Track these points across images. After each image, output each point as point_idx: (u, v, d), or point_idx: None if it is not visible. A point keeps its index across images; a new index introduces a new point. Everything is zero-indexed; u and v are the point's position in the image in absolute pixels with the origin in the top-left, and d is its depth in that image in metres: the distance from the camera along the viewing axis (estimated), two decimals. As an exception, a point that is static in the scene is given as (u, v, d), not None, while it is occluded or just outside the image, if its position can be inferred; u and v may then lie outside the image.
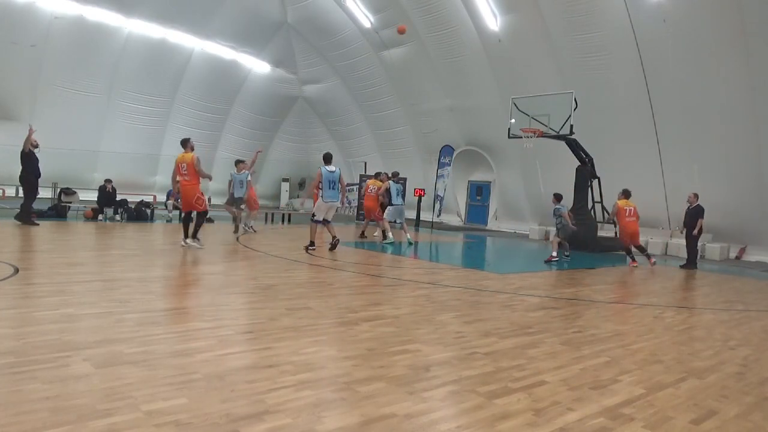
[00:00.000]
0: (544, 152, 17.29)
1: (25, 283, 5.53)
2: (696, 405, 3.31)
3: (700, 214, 11.94)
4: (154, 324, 4.27)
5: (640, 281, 9.49)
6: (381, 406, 2.92)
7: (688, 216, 12.18)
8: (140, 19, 20.37)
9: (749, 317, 6.57)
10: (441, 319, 5.20)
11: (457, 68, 20.01)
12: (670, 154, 15.70)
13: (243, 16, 22.56)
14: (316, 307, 5.33)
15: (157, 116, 22.61)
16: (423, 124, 23.00)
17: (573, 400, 3.23)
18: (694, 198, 12.12)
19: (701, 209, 11.98)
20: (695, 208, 12.04)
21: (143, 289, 5.73)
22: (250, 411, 2.72)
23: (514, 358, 4.03)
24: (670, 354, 4.50)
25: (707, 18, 13.70)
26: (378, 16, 21.00)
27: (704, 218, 12.00)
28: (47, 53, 18.94)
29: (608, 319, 5.79)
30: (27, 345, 3.52)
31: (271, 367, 3.43)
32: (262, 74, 25.42)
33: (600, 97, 16.13)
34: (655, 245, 15.75)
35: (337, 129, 27.38)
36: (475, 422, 2.81)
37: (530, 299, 6.73)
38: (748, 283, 10.28)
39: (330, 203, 10.24)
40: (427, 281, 7.54)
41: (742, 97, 13.86)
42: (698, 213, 11.96)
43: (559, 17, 16.18)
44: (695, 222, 11.89)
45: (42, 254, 7.86)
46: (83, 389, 2.85)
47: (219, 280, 6.64)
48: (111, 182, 14.67)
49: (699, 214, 11.93)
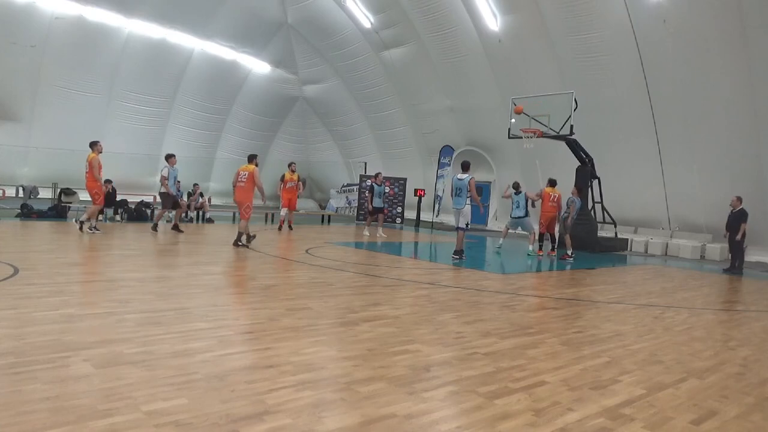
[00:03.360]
0: (544, 152, 17.29)
1: (25, 284, 5.52)
2: (696, 405, 3.31)
3: (743, 218, 11.56)
4: (154, 324, 4.27)
5: (641, 281, 9.49)
6: (381, 406, 2.92)
7: (730, 220, 11.82)
8: (140, 20, 20.37)
9: (749, 317, 6.57)
10: (441, 319, 5.19)
11: (457, 68, 20.01)
12: (670, 154, 15.70)
13: (243, 16, 22.56)
14: (316, 307, 5.33)
15: (157, 116, 22.60)
16: (423, 125, 23.01)
17: (573, 400, 3.23)
18: (737, 202, 11.74)
19: (745, 213, 11.60)
20: (738, 212, 11.66)
21: (143, 289, 5.73)
22: (250, 411, 2.72)
23: (514, 358, 4.03)
24: (670, 354, 4.50)
25: (707, 18, 13.70)
26: (378, 16, 21.00)
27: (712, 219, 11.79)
28: (47, 53, 18.94)
29: (608, 320, 5.79)
30: (27, 345, 3.52)
31: (271, 367, 3.43)
32: (262, 74, 25.42)
33: (600, 97, 16.14)
34: (655, 245, 15.76)
35: (337, 129, 27.38)
36: (475, 422, 2.81)
37: (530, 299, 6.73)
38: (748, 283, 10.28)
39: (457, 209, 10.31)
40: (427, 281, 7.54)
41: (742, 97, 13.86)
42: (741, 217, 11.57)
43: (559, 17, 16.18)
44: (738, 226, 11.57)
45: (42, 254, 7.87)
46: (83, 389, 2.85)
47: (219, 280, 6.64)
48: (111, 182, 14.67)
49: (742, 218, 11.55)
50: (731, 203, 11.92)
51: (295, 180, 14.80)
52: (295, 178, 14.78)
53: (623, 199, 16.48)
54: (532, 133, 14.31)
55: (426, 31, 19.80)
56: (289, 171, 14.84)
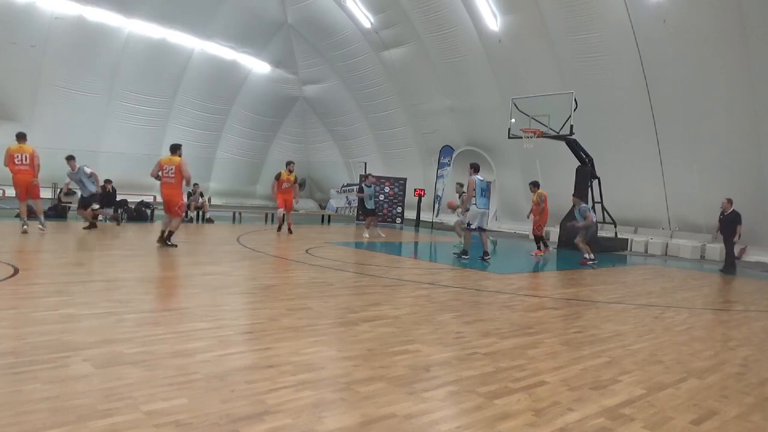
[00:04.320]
0: (544, 152, 17.30)
1: (25, 284, 5.52)
2: (696, 405, 3.31)
3: (738, 220, 11.40)
4: (154, 324, 4.27)
5: (641, 281, 9.49)
6: (381, 406, 2.92)
7: (723, 223, 11.65)
8: (140, 20, 20.37)
9: (749, 317, 6.57)
10: (441, 319, 5.19)
11: (457, 68, 20.01)
12: (670, 154, 15.70)
13: (243, 16, 22.56)
14: (316, 307, 5.33)
15: (157, 116, 22.60)
16: (423, 125, 23.01)
17: (573, 400, 3.23)
18: (728, 204, 11.57)
19: (739, 215, 11.43)
20: (732, 214, 11.48)
21: (143, 289, 5.73)
22: (250, 411, 2.72)
23: (514, 358, 4.03)
24: (670, 354, 4.50)
25: (707, 18, 13.70)
26: (378, 16, 21.00)
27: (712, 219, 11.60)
28: (47, 53, 18.94)
29: (608, 320, 5.78)
30: (27, 345, 3.52)
31: (271, 367, 3.43)
32: (262, 74, 25.42)
33: (600, 97, 16.14)
34: (655, 245, 15.76)
35: (337, 129, 27.39)
36: (475, 422, 2.81)
37: (530, 299, 6.73)
38: (748, 283, 10.28)
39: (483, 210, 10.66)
40: (427, 281, 7.54)
41: (742, 97, 13.86)
42: (735, 220, 11.42)
43: (559, 17, 16.18)
44: (733, 229, 11.42)
45: (42, 254, 7.86)
46: (83, 389, 2.85)
47: (219, 280, 6.64)
48: (111, 182, 14.66)
49: (737, 221, 11.40)
50: (722, 206, 11.76)
51: (292, 181, 13.56)
52: (292, 179, 13.54)
53: (623, 199, 16.48)
54: (532, 133, 14.31)
55: (426, 31, 19.81)
56: (287, 171, 13.52)
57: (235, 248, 10.06)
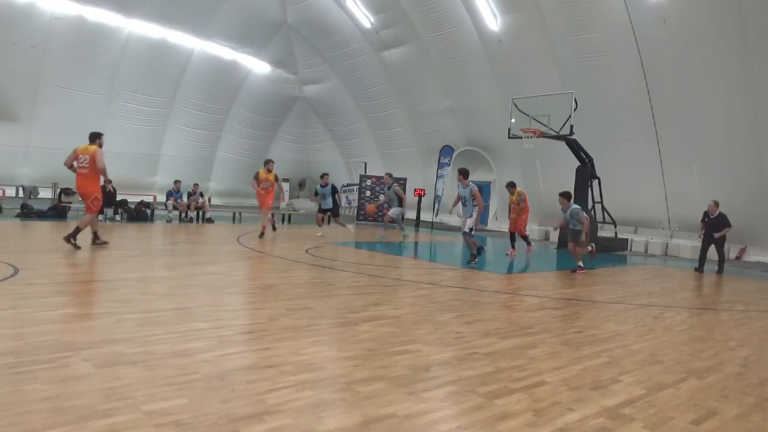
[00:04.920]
0: (544, 152, 17.30)
1: (25, 284, 5.52)
2: (696, 405, 3.31)
3: (727, 222, 11.18)
4: (154, 324, 4.27)
5: (641, 281, 9.49)
6: (381, 406, 2.92)
7: (709, 226, 11.40)
8: (140, 19, 20.37)
9: (749, 317, 6.57)
10: (441, 319, 5.19)
11: (457, 68, 20.01)
12: (670, 154, 15.70)
13: (243, 16, 22.56)
14: (316, 307, 5.33)
15: (157, 116, 22.60)
16: (423, 125, 23.02)
17: (573, 400, 3.23)
18: (714, 207, 11.30)
19: (725, 217, 11.20)
20: (719, 216, 11.26)
21: (143, 289, 5.72)
22: (250, 411, 2.72)
23: (514, 358, 4.03)
24: (670, 354, 4.50)
25: (707, 18, 13.70)
26: (378, 16, 21.00)
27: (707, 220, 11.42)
28: (47, 53, 18.93)
29: (608, 320, 5.79)
30: (27, 345, 3.52)
31: (271, 367, 3.43)
32: (262, 74, 25.43)
33: (600, 97, 16.14)
34: (655, 245, 15.76)
35: (337, 129, 27.39)
36: (475, 422, 2.81)
37: (530, 299, 6.73)
38: (748, 283, 10.28)
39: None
40: (427, 281, 7.54)
41: (742, 97, 13.86)
42: (724, 222, 11.19)
43: (559, 17, 16.18)
44: (721, 231, 11.21)
45: (42, 254, 7.86)
46: (83, 389, 2.85)
47: (219, 280, 6.64)
48: (111, 182, 14.67)
49: (725, 223, 11.18)
50: (708, 208, 11.47)
51: (271, 180, 12.70)
52: (271, 179, 12.69)
53: (623, 199, 16.48)
54: (532, 133, 14.31)
55: (426, 31, 19.80)
56: (264, 170, 12.77)
57: (235, 248, 10.07)
